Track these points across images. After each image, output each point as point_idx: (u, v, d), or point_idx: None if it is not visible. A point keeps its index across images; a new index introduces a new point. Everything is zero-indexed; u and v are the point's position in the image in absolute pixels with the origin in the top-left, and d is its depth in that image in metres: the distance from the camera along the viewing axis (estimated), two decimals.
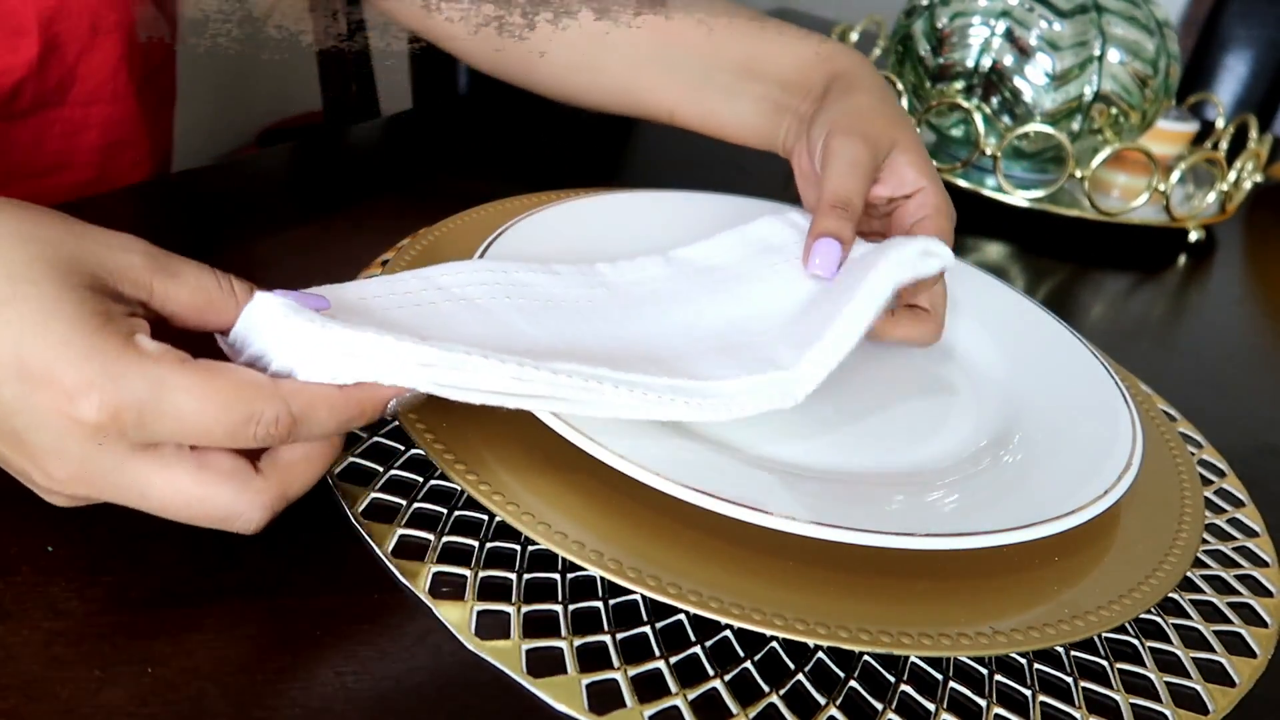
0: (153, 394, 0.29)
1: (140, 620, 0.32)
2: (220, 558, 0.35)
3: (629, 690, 0.32)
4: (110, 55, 0.62)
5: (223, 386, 0.30)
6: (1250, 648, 0.39)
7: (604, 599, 0.35)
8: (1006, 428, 0.46)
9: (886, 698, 0.34)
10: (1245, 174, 0.80)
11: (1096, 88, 0.75)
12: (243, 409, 0.30)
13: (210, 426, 0.30)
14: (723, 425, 0.41)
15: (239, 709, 0.30)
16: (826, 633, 0.33)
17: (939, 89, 0.78)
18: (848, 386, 0.48)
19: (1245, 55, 1.46)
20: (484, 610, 0.34)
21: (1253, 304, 0.76)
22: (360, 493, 0.38)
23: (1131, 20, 0.75)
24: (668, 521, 0.36)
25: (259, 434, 0.30)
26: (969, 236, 0.75)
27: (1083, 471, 0.41)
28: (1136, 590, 0.38)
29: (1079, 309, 0.68)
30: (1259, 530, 0.45)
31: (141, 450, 0.30)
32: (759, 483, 0.39)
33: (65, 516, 0.36)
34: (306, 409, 0.31)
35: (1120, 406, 0.45)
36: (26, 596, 0.33)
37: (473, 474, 0.37)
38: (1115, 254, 0.77)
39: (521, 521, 0.35)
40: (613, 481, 0.36)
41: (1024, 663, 0.37)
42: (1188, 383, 0.59)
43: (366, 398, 0.33)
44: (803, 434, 0.43)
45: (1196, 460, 0.49)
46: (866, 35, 1.06)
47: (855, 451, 0.43)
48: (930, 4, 0.80)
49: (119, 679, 0.30)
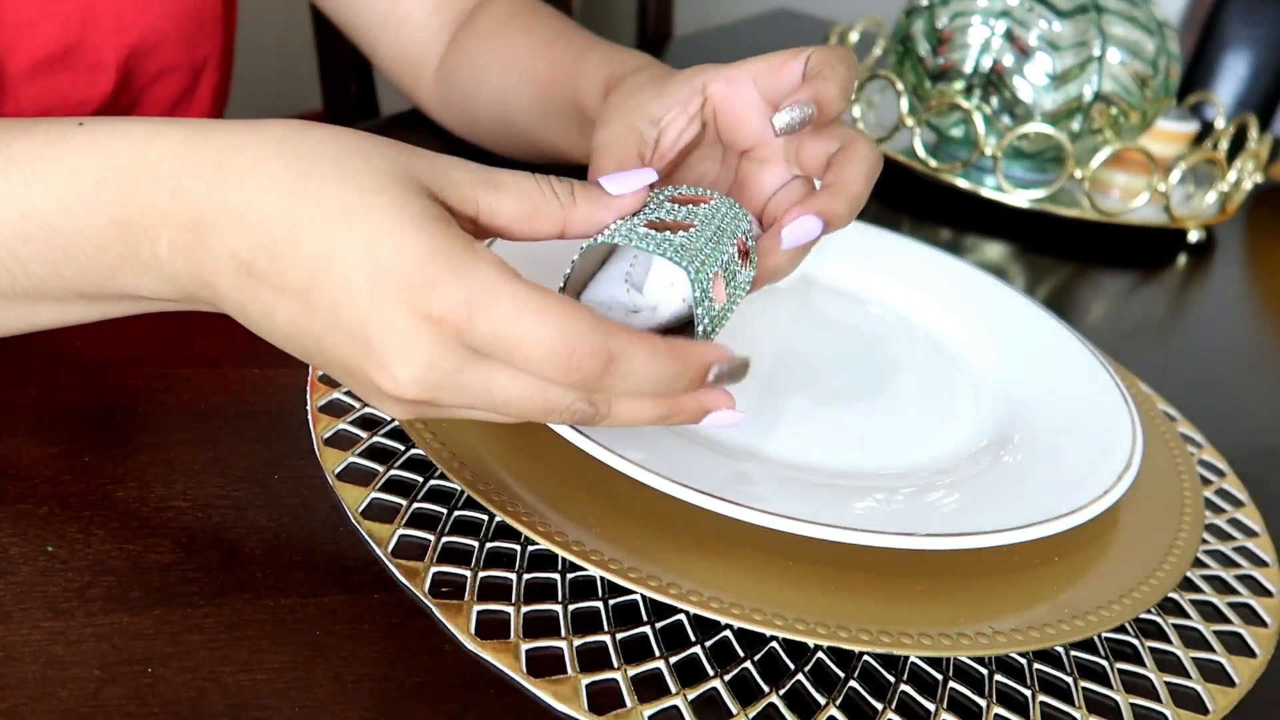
0: (484, 295, 0.29)
1: (140, 620, 0.32)
2: (220, 558, 0.35)
3: (629, 690, 0.32)
4: (172, 89, 0.63)
5: (548, 305, 0.30)
6: (1250, 648, 0.39)
7: (604, 599, 0.35)
8: (1006, 428, 0.46)
9: (886, 698, 0.34)
10: (1245, 174, 0.80)
11: (1096, 88, 0.75)
12: (561, 330, 0.29)
13: (528, 339, 0.29)
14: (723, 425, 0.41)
15: (239, 709, 0.30)
16: (826, 633, 0.33)
17: (939, 89, 0.78)
18: (848, 387, 0.49)
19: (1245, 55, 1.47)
20: (484, 610, 0.34)
21: (1253, 304, 0.76)
22: (360, 493, 0.37)
23: (1131, 20, 0.75)
24: (667, 521, 0.36)
25: (573, 363, 0.30)
26: (969, 236, 0.75)
27: (1083, 471, 0.41)
28: (1136, 590, 0.38)
29: (1079, 309, 0.68)
30: (1259, 530, 0.45)
31: (479, 356, 0.30)
32: (759, 483, 0.39)
33: (65, 516, 0.36)
34: (625, 349, 0.30)
35: (1120, 406, 0.45)
36: (26, 596, 0.33)
37: (472, 474, 0.37)
38: (1115, 254, 0.77)
39: (521, 522, 0.35)
40: (612, 482, 0.36)
41: (1024, 663, 0.37)
42: (1188, 383, 0.59)
43: (690, 353, 0.32)
44: (803, 434, 0.43)
45: (1196, 460, 0.49)
46: (866, 35, 1.06)
47: (855, 451, 0.43)
48: (930, 4, 0.80)
49: (119, 679, 0.30)
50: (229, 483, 0.38)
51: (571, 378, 0.30)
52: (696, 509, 0.34)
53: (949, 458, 0.44)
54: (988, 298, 0.55)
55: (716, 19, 1.33)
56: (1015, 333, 0.52)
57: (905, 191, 0.79)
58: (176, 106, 0.64)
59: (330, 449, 0.39)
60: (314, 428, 0.40)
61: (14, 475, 0.37)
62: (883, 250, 0.57)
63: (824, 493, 0.39)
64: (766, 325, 0.50)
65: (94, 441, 0.39)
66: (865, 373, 0.50)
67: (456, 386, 0.30)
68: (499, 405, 0.31)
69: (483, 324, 0.29)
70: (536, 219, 0.34)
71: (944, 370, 0.51)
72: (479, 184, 0.33)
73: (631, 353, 0.31)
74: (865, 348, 0.52)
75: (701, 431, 0.41)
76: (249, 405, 0.42)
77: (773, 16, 1.27)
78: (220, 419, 0.41)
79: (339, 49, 0.92)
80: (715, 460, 0.39)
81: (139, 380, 0.43)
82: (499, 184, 0.33)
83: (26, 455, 0.38)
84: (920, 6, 0.81)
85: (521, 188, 0.33)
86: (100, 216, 0.32)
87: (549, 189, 0.34)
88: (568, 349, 0.29)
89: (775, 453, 0.41)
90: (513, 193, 0.33)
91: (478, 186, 0.33)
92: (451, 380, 0.30)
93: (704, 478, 0.35)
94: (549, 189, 0.34)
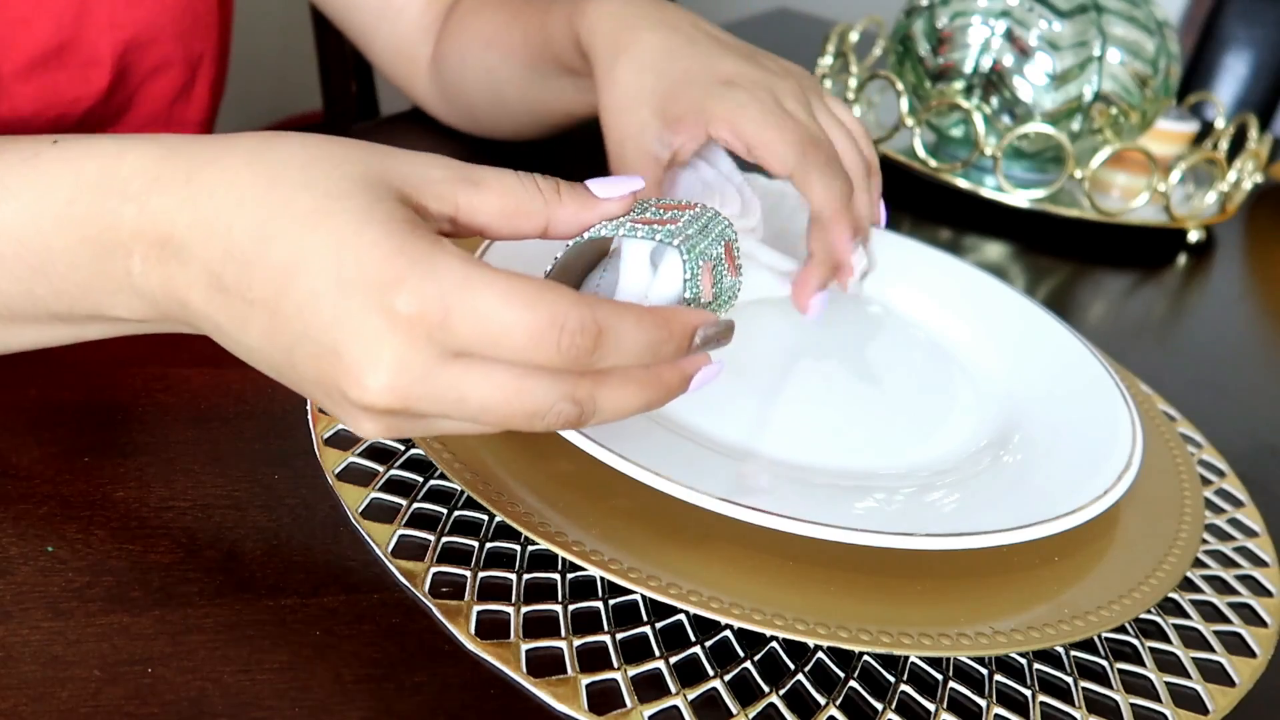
0: (459, 290, 0.28)
1: (140, 620, 0.32)
2: (220, 558, 0.35)
3: (629, 690, 0.32)
4: (170, 85, 0.63)
5: (528, 288, 0.29)
6: (1250, 648, 0.39)
7: (604, 599, 0.35)
8: (1006, 428, 0.46)
9: (886, 698, 0.34)
10: (1245, 174, 0.80)
11: (1096, 88, 0.75)
12: (546, 311, 0.28)
13: (513, 326, 0.28)
14: (722, 426, 0.41)
15: (239, 709, 0.30)
16: (826, 633, 0.33)
17: (939, 89, 0.78)
18: (848, 387, 0.49)
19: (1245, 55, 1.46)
20: (484, 610, 0.34)
21: (1253, 304, 0.76)
22: (360, 493, 0.37)
23: (1131, 20, 0.75)
24: (667, 521, 0.36)
25: (563, 342, 0.29)
26: (969, 236, 0.75)
27: (1083, 471, 0.41)
28: (1136, 590, 0.38)
29: (1079, 309, 0.68)
30: (1259, 530, 0.45)
31: (453, 357, 0.29)
32: (759, 483, 0.39)
33: (65, 516, 0.36)
34: (611, 319, 0.29)
35: (1120, 406, 0.45)
36: (26, 596, 0.33)
37: (472, 474, 0.37)
38: (1115, 254, 0.77)
39: (521, 522, 0.35)
40: (612, 482, 0.36)
41: (1024, 663, 0.37)
42: (1188, 383, 0.59)
43: (674, 318, 0.31)
44: (803, 434, 0.43)
45: (1196, 460, 0.49)
46: (866, 35, 1.06)
47: (856, 451, 0.43)
48: (930, 4, 0.80)
49: (119, 679, 0.30)
50: (229, 483, 0.38)
51: (564, 358, 0.29)
52: (696, 509, 0.34)
53: (949, 458, 0.44)
54: (988, 298, 0.55)
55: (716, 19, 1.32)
56: (1015, 333, 0.52)
57: (905, 191, 0.79)
58: (175, 103, 0.64)
59: (330, 449, 0.39)
60: (314, 428, 0.40)
61: (14, 475, 0.37)
62: (883, 250, 0.57)
63: (824, 493, 0.39)
64: (766, 325, 0.50)
65: (94, 441, 0.39)
66: (866, 373, 0.50)
67: (429, 393, 0.29)
68: (475, 412, 0.30)
69: (463, 318, 0.28)
70: (518, 216, 0.33)
71: (944, 370, 0.51)
72: (457, 181, 0.32)
73: (617, 321, 0.30)
74: (865, 348, 0.52)
75: (702, 432, 0.41)
76: (249, 405, 0.42)
77: (773, 16, 1.27)
78: (220, 419, 0.41)
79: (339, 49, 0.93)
80: (715, 460, 0.39)
81: (139, 380, 0.43)
82: (478, 180, 0.32)
83: (26, 455, 0.38)
84: (920, 6, 0.81)
85: (503, 184, 0.33)
86: (71, 234, 0.32)
87: (533, 185, 0.33)
88: (555, 328, 0.29)
89: (775, 453, 0.41)
90: (494, 189, 0.32)
91: (456, 184, 0.32)
92: (423, 385, 0.29)
93: (704, 478, 0.35)
94: (533, 185, 0.33)
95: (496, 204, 0.32)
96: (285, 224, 0.30)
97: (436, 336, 0.29)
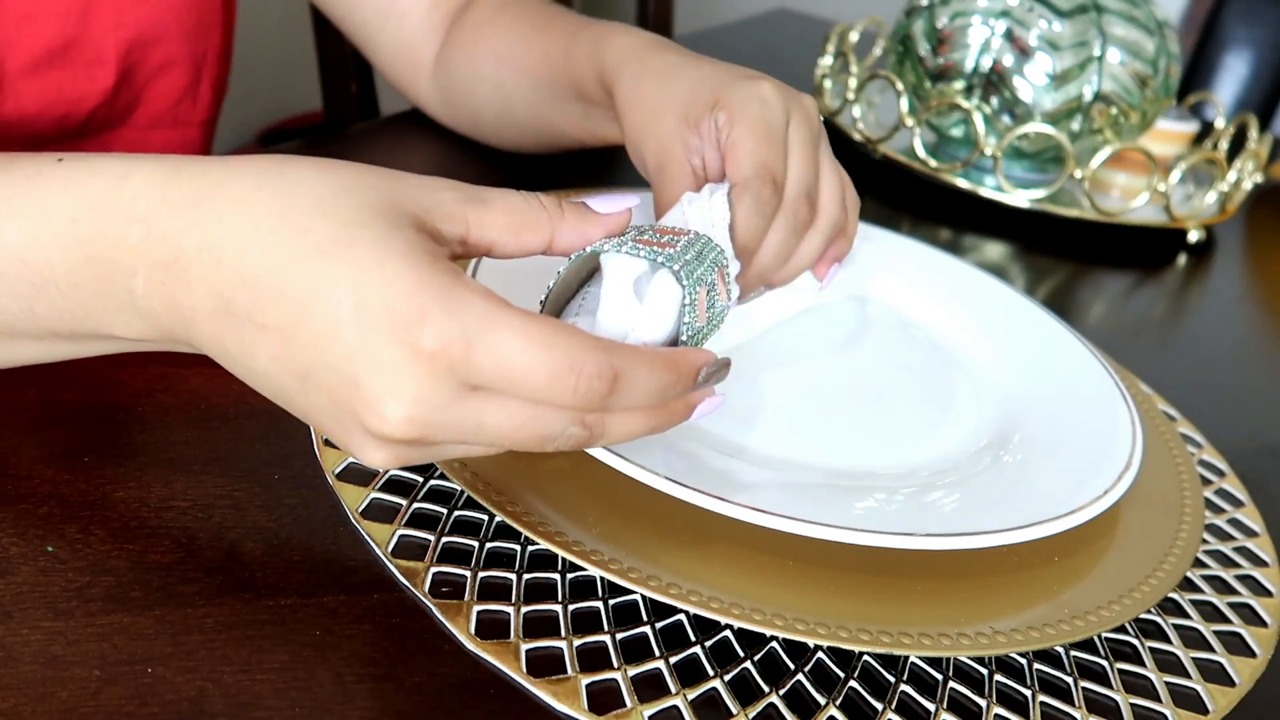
0: (480, 328, 0.29)
1: (140, 620, 0.32)
2: (220, 558, 0.35)
3: (629, 690, 0.32)
4: (176, 84, 0.63)
5: (547, 331, 0.29)
6: (1250, 648, 0.39)
7: (604, 599, 0.35)
8: (1006, 428, 0.46)
9: (886, 698, 0.34)
10: (1245, 174, 0.80)
11: (1096, 88, 0.75)
12: (564, 355, 0.29)
13: (532, 368, 0.29)
14: (722, 426, 0.41)
15: (239, 709, 0.30)
16: (826, 633, 0.33)
17: (939, 89, 0.78)
18: (848, 387, 0.49)
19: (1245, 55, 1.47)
20: (484, 610, 0.34)
21: (1253, 304, 0.75)
22: (360, 493, 0.38)
23: (1131, 20, 0.75)
24: (667, 521, 0.36)
25: (580, 387, 0.29)
26: (969, 236, 0.75)
27: (1083, 471, 0.41)
28: (1136, 590, 0.38)
29: (1079, 309, 0.68)
30: (1259, 530, 0.45)
31: (471, 390, 0.30)
32: (759, 483, 0.39)
33: (65, 516, 0.36)
34: (628, 365, 0.30)
35: (1120, 407, 0.45)
36: (26, 596, 0.33)
37: (472, 474, 0.37)
38: (1115, 254, 0.77)
39: (521, 522, 0.35)
40: (612, 482, 0.36)
41: (1024, 663, 0.37)
42: (1188, 383, 0.59)
43: (683, 360, 0.32)
44: (803, 434, 0.43)
45: (1196, 460, 0.49)
46: (866, 35, 1.06)
47: (856, 451, 0.43)
48: (930, 4, 0.80)
49: (119, 679, 0.31)
50: (229, 483, 0.38)
51: (579, 400, 0.30)
52: (697, 509, 0.34)
53: (949, 458, 0.44)
54: (988, 298, 0.55)
55: (716, 19, 1.33)
56: (1015, 333, 0.52)
57: (905, 191, 0.79)
58: (180, 103, 0.64)
59: (330, 449, 0.39)
60: (314, 428, 0.40)
61: (14, 475, 0.37)
62: (882, 250, 0.57)
63: (824, 493, 0.39)
64: (766, 326, 0.51)
65: (94, 441, 0.39)
66: (865, 373, 0.50)
67: (447, 422, 0.30)
68: (492, 439, 0.31)
69: (483, 356, 0.29)
70: (524, 230, 0.34)
71: (944, 370, 0.51)
72: (466, 200, 0.33)
73: (632, 367, 0.30)
74: (865, 347, 0.52)
75: (701, 432, 0.41)
76: (249, 405, 0.42)
77: (773, 16, 1.27)
78: (220, 419, 0.41)
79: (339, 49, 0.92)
80: (715, 461, 0.40)
81: (139, 380, 0.43)
82: (485, 199, 0.33)
83: (26, 455, 0.38)
84: (920, 6, 0.81)
85: (509, 201, 0.34)
86: (74, 253, 0.32)
87: (536, 202, 0.34)
88: (573, 373, 0.29)
89: (775, 453, 0.41)
90: (499, 206, 0.33)
91: (465, 203, 0.33)
92: (441, 416, 0.29)
93: (704, 478, 0.35)
94: (536, 202, 0.34)
95: (504, 220, 0.33)
96: (303, 253, 0.30)
97: (458, 370, 0.29)
